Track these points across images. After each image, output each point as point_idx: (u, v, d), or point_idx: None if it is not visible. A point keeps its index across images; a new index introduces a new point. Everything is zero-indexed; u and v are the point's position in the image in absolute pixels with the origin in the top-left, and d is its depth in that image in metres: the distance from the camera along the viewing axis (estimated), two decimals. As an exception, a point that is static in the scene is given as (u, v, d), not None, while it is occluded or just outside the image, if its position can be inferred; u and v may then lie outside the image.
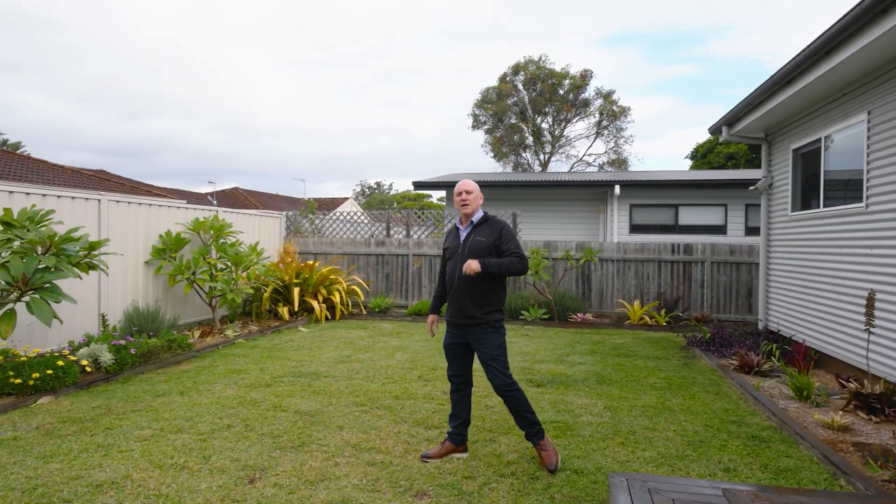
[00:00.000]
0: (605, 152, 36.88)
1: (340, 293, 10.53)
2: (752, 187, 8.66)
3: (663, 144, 67.53)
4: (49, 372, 5.09)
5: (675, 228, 14.55)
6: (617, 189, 14.13)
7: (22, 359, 5.19)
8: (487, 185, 15.63)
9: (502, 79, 36.13)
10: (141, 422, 4.44)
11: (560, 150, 37.72)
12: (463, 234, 3.80)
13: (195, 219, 8.73)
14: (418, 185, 16.27)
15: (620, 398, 5.26)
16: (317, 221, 12.92)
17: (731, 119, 7.94)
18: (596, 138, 36.79)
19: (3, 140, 37.01)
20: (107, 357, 5.89)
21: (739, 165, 28.22)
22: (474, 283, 3.63)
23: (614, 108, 34.88)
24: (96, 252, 5.49)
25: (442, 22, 64.72)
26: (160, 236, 8.27)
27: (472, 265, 3.50)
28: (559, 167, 39.12)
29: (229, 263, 8.79)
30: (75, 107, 77.86)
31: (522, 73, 35.71)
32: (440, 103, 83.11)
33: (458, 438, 3.83)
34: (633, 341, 8.32)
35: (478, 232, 3.71)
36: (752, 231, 13.94)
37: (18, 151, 30.84)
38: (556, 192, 15.82)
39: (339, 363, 6.68)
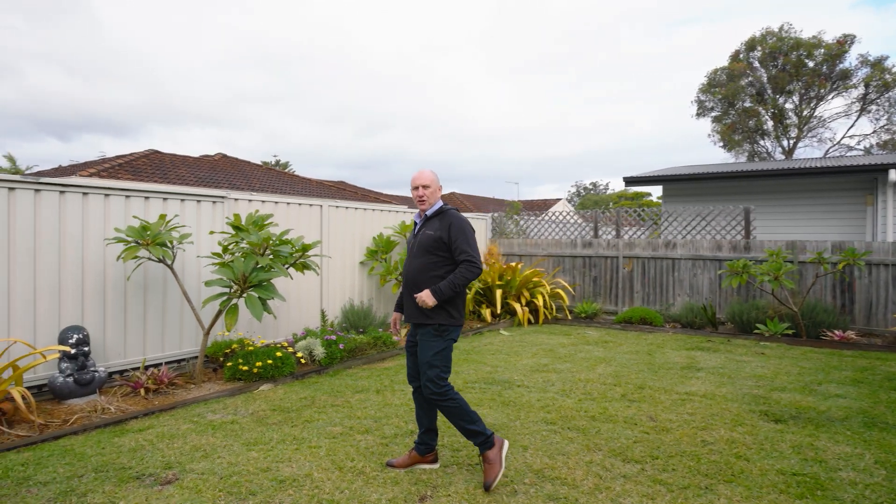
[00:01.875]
0: (875, 132, 30.28)
1: (544, 296, 10.11)
2: None
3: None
4: (269, 362, 5.63)
5: (985, 223, 11.02)
6: (892, 174, 11.19)
7: (250, 348, 5.84)
8: (712, 178, 13.74)
9: (734, 57, 31.95)
10: (335, 417, 4.59)
11: (810, 134, 32.03)
12: (417, 228, 3.66)
13: (402, 222, 9.14)
14: (629, 180, 15.05)
15: (902, 451, 3.90)
16: (521, 223, 12.71)
17: None
18: (860, 115, 30.39)
19: (277, 160, 44.58)
20: (319, 351, 6.36)
21: None
22: (420, 281, 3.44)
23: (886, 76, 28.33)
24: (310, 253, 5.95)
25: (657, 6, 60.09)
26: (373, 238, 8.81)
27: (425, 299, 3.33)
28: (808, 154, 33.28)
29: (433, 265, 9.00)
30: (325, 128, 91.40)
31: (759, 48, 31.11)
32: (658, 95, 77.47)
33: (421, 448, 3.56)
34: (919, 371, 6.34)
35: (428, 225, 3.55)
36: None
37: (287, 170, 36.94)
38: (802, 182, 13.21)
39: (535, 372, 6.27)
